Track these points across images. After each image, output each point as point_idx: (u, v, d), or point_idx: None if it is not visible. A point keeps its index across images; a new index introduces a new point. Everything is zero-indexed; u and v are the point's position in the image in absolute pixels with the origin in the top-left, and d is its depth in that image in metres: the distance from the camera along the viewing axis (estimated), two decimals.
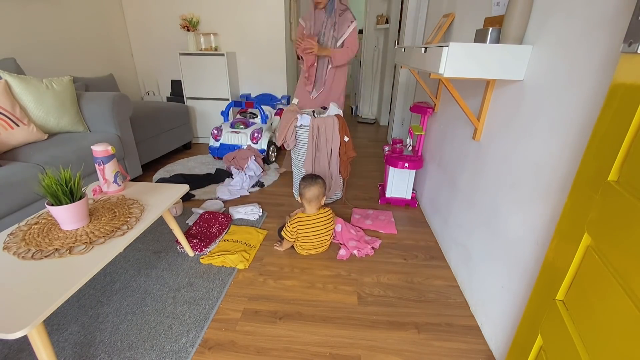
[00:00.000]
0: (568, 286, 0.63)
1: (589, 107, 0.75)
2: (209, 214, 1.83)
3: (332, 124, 1.92)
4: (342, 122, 1.96)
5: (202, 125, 3.33)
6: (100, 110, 2.07)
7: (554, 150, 0.86)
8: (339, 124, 1.93)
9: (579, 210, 0.60)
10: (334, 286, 1.40)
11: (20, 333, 0.69)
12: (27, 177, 1.51)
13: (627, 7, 0.66)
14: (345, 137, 1.96)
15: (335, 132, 1.93)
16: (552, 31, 0.90)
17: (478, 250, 1.26)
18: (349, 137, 1.98)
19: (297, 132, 1.97)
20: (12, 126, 1.68)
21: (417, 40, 2.66)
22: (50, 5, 2.41)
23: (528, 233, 0.95)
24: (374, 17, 4.07)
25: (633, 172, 0.50)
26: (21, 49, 2.21)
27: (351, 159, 2.04)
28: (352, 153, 2.01)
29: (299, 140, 1.99)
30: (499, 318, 1.08)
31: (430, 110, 1.94)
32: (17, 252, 0.95)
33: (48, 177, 0.99)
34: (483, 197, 1.25)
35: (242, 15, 3.09)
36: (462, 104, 1.29)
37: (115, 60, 3.13)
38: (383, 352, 1.10)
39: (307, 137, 1.93)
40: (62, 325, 1.17)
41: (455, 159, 1.56)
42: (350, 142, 2.01)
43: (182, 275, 1.43)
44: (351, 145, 2.01)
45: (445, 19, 1.78)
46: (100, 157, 1.28)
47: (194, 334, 1.15)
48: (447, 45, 0.99)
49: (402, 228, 1.86)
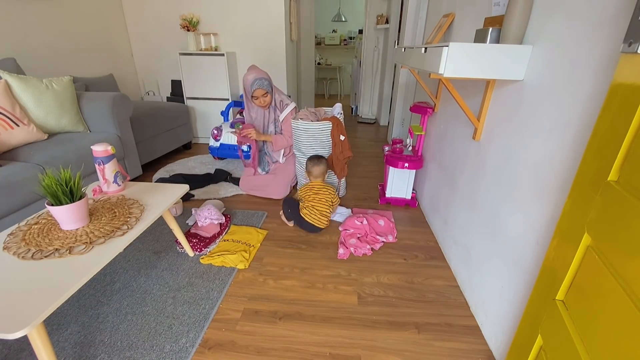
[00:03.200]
0: (568, 286, 0.63)
1: (589, 107, 0.75)
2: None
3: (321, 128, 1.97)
4: (335, 123, 1.96)
5: (202, 125, 3.33)
6: (100, 110, 2.07)
7: (554, 150, 0.86)
8: (332, 125, 1.96)
9: (579, 210, 0.60)
10: (334, 286, 1.40)
11: (20, 333, 0.69)
12: (27, 177, 1.51)
13: (627, 7, 0.66)
14: (340, 136, 1.97)
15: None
16: (552, 31, 0.90)
17: (478, 250, 1.26)
18: (345, 136, 1.99)
19: (296, 132, 2.01)
20: (12, 126, 1.68)
21: (417, 40, 2.66)
22: (50, 5, 2.41)
23: (528, 233, 0.95)
24: (374, 17, 4.07)
25: (633, 172, 0.50)
26: (21, 49, 2.21)
27: (347, 160, 2.03)
28: (348, 153, 2.00)
29: (298, 141, 2.03)
30: (499, 318, 1.08)
31: (430, 110, 1.94)
32: (17, 252, 0.95)
33: (48, 177, 0.99)
34: (483, 197, 1.25)
35: (242, 15, 3.09)
36: (462, 104, 1.29)
37: (115, 60, 3.12)
38: (383, 352, 1.10)
39: (305, 137, 1.99)
40: (62, 325, 1.17)
41: (455, 159, 1.56)
42: (347, 142, 2.00)
43: (182, 275, 1.43)
44: (347, 145, 2.00)
45: (445, 19, 1.78)
46: (100, 157, 1.28)
47: (194, 334, 1.15)
48: (447, 45, 0.99)
49: (402, 228, 1.86)
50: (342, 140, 1.97)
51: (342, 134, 1.97)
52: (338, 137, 1.96)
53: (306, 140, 1.99)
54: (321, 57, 6.73)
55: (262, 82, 1.95)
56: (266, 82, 1.97)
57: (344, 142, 1.99)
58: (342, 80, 6.82)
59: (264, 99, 2.00)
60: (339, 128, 1.96)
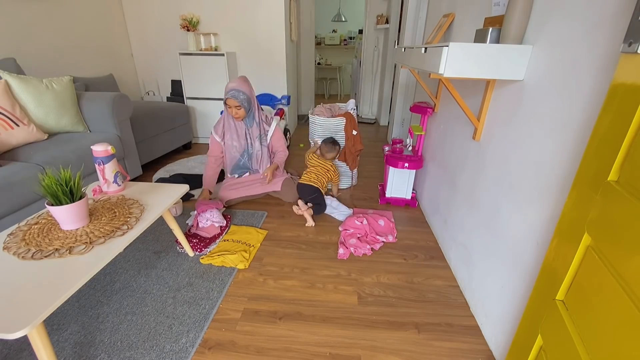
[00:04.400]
0: (568, 286, 0.63)
1: (589, 107, 0.75)
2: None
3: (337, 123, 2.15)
4: (349, 119, 2.12)
5: (202, 125, 3.32)
6: (100, 110, 2.07)
7: (554, 150, 0.86)
8: (345, 121, 2.11)
9: (579, 210, 0.60)
10: (334, 286, 1.40)
11: (20, 333, 0.69)
12: (27, 177, 1.51)
13: (627, 7, 0.66)
14: (353, 131, 2.12)
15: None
16: (552, 31, 0.90)
17: (478, 250, 1.26)
18: (357, 131, 2.13)
19: (312, 126, 2.25)
20: (12, 126, 1.68)
21: (417, 40, 2.66)
22: (50, 5, 2.41)
23: (528, 233, 0.95)
24: (374, 17, 4.07)
25: (633, 172, 0.50)
26: (21, 49, 2.21)
27: (359, 152, 2.19)
28: (360, 146, 2.16)
29: (314, 133, 2.26)
30: (499, 318, 1.08)
31: (430, 110, 1.94)
32: (17, 252, 0.95)
33: (48, 177, 0.99)
34: (483, 197, 1.25)
35: (242, 15, 3.09)
36: (462, 104, 1.29)
37: (115, 60, 3.12)
38: (383, 352, 1.10)
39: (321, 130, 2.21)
40: (62, 325, 1.17)
41: (455, 159, 1.56)
42: (359, 136, 2.16)
43: (182, 275, 1.43)
44: (359, 139, 2.16)
45: (445, 19, 1.78)
46: (100, 157, 1.28)
47: (194, 334, 1.15)
48: (447, 45, 0.99)
49: (402, 228, 1.86)
50: (354, 134, 2.13)
51: (355, 129, 2.13)
52: (351, 131, 2.11)
53: (322, 133, 2.21)
54: (321, 57, 6.73)
55: (237, 94, 1.87)
56: (242, 96, 1.88)
57: (356, 136, 2.14)
58: (342, 80, 6.82)
59: (236, 110, 1.91)
60: (351, 123, 2.12)
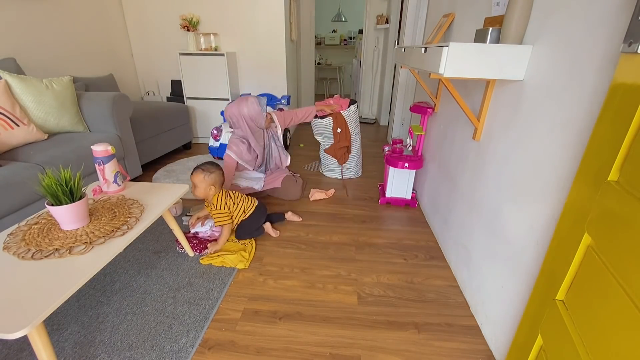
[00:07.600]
0: (568, 286, 0.63)
1: (589, 107, 0.75)
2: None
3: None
4: (335, 118, 2.33)
5: (202, 125, 3.32)
6: (100, 110, 2.07)
7: (554, 150, 0.86)
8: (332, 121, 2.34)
9: (579, 211, 0.60)
10: (334, 286, 1.40)
11: (20, 333, 0.69)
12: (27, 177, 1.51)
13: (627, 7, 0.66)
14: (338, 129, 2.36)
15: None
16: (552, 31, 0.90)
17: (478, 250, 1.26)
18: (342, 129, 2.37)
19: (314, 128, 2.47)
20: (12, 126, 1.68)
21: (417, 40, 2.66)
22: (50, 5, 2.41)
23: (528, 233, 0.95)
24: (373, 17, 4.07)
25: (633, 172, 0.50)
26: (21, 49, 2.21)
27: (344, 149, 2.42)
28: (345, 143, 2.40)
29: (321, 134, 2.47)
30: (499, 318, 1.08)
31: (430, 110, 1.94)
32: (17, 252, 0.95)
33: (48, 177, 0.99)
34: (483, 197, 1.25)
35: (242, 15, 3.09)
36: (462, 104, 1.29)
37: (115, 60, 3.12)
38: (383, 352, 1.10)
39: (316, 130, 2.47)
40: (62, 325, 1.17)
41: (455, 159, 1.56)
42: (344, 134, 2.37)
43: (182, 275, 1.43)
44: (345, 136, 2.38)
45: (445, 19, 1.78)
46: (100, 157, 1.28)
47: (194, 334, 1.15)
48: (447, 45, 0.99)
49: (402, 228, 1.86)
50: (338, 132, 2.37)
51: (340, 127, 2.36)
52: (336, 129, 2.36)
53: (318, 131, 2.49)
54: (321, 57, 6.73)
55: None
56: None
57: (341, 133, 2.36)
58: (342, 80, 6.81)
59: (267, 120, 2.09)
60: (337, 122, 2.35)
